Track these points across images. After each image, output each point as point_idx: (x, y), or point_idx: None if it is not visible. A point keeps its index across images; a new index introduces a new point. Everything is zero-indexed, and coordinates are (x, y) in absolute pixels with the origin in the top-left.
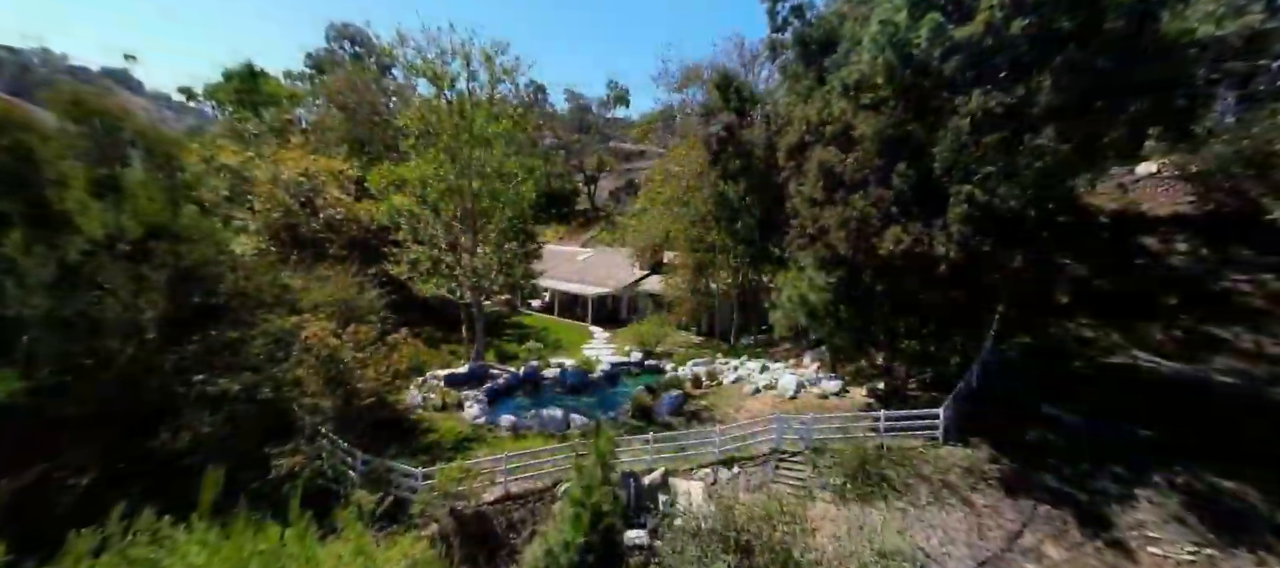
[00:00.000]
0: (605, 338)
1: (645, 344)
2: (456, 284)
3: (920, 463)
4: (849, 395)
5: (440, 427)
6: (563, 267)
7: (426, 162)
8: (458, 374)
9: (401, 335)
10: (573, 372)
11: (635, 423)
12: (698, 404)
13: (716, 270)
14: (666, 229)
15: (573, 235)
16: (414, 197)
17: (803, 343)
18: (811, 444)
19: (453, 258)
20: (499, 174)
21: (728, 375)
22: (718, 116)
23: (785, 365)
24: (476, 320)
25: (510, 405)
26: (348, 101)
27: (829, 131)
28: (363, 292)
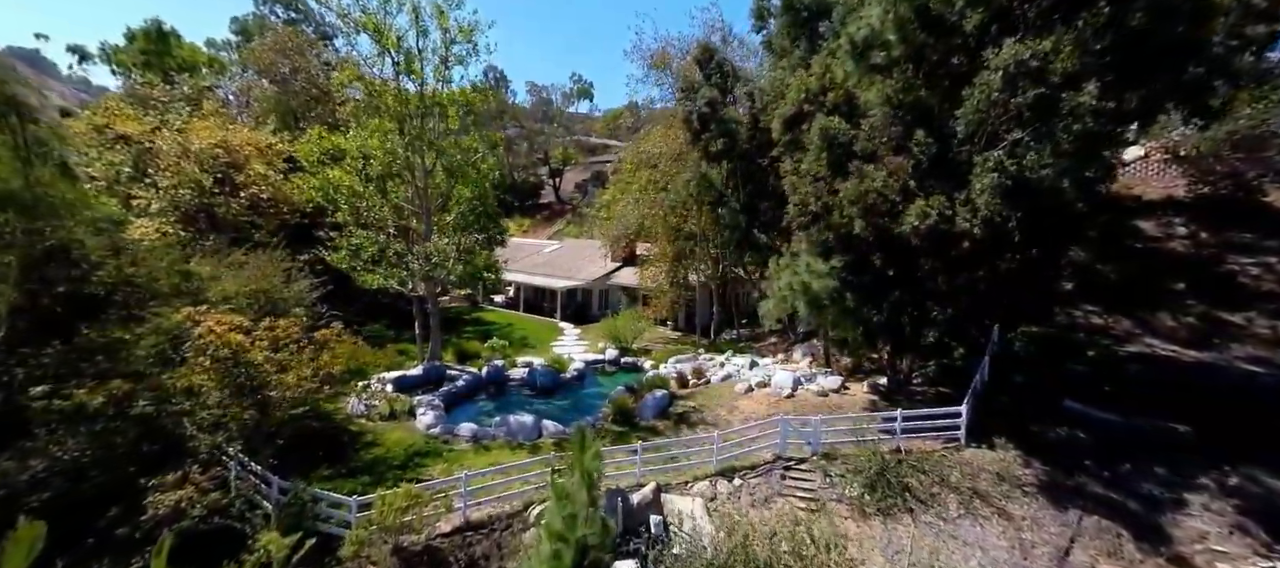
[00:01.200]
0: (576, 334)
1: (621, 341)
2: (407, 275)
3: (944, 469)
4: (849, 393)
5: (386, 439)
6: (529, 259)
7: (369, 130)
8: (410, 377)
9: (333, 331)
10: (542, 371)
11: (616, 429)
12: (685, 406)
13: (696, 261)
14: (641, 218)
15: (537, 229)
16: (355, 172)
17: (791, 337)
18: (820, 449)
19: (403, 245)
20: (456, 147)
21: (715, 373)
22: (699, 92)
23: (775, 361)
24: (432, 316)
25: (471, 411)
26: (278, 70)
27: (830, 100)
28: (290, 282)
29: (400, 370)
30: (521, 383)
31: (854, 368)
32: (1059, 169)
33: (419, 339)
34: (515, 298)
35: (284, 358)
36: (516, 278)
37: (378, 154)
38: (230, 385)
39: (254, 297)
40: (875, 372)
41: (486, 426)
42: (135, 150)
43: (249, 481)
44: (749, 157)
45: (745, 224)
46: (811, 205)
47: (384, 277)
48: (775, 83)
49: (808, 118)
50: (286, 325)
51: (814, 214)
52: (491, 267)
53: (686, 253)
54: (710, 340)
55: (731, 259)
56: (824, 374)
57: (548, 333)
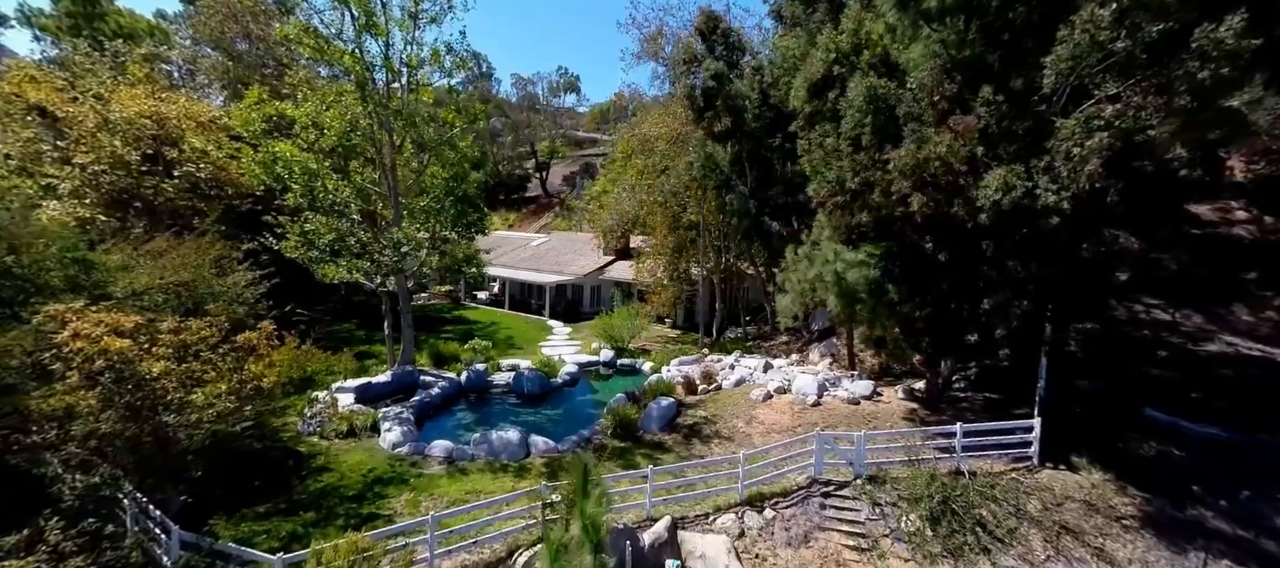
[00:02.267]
0: (567, 333)
1: (617, 340)
2: (373, 268)
3: (1020, 496)
4: (883, 400)
5: (342, 463)
6: (515, 253)
7: (321, 95)
8: (376, 385)
9: (262, 334)
10: (530, 376)
11: (617, 444)
12: (696, 416)
13: (697, 252)
14: (638, 206)
15: (524, 223)
16: (308, 147)
17: (805, 335)
18: (865, 471)
19: (370, 234)
20: (429, 120)
21: (726, 377)
22: (703, 65)
23: (789, 363)
24: (402, 315)
25: (447, 426)
26: (228, 39)
27: (866, 59)
28: (226, 273)
29: (365, 378)
30: (506, 390)
31: (880, 371)
32: (1174, 126)
33: (389, 341)
34: (500, 294)
35: (195, 369)
36: (501, 273)
37: (333, 125)
38: (118, 407)
39: (174, 292)
40: (906, 375)
41: (464, 443)
42: (47, 123)
43: (142, 530)
44: (757, 137)
45: (755, 210)
46: (849, 182)
47: (347, 269)
48: (787, 54)
49: (837, 82)
50: (198, 327)
51: (852, 192)
52: (472, 259)
53: (687, 244)
54: (713, 339)
55: (737, 250)
56: (849, 378)
57: (536, 332)
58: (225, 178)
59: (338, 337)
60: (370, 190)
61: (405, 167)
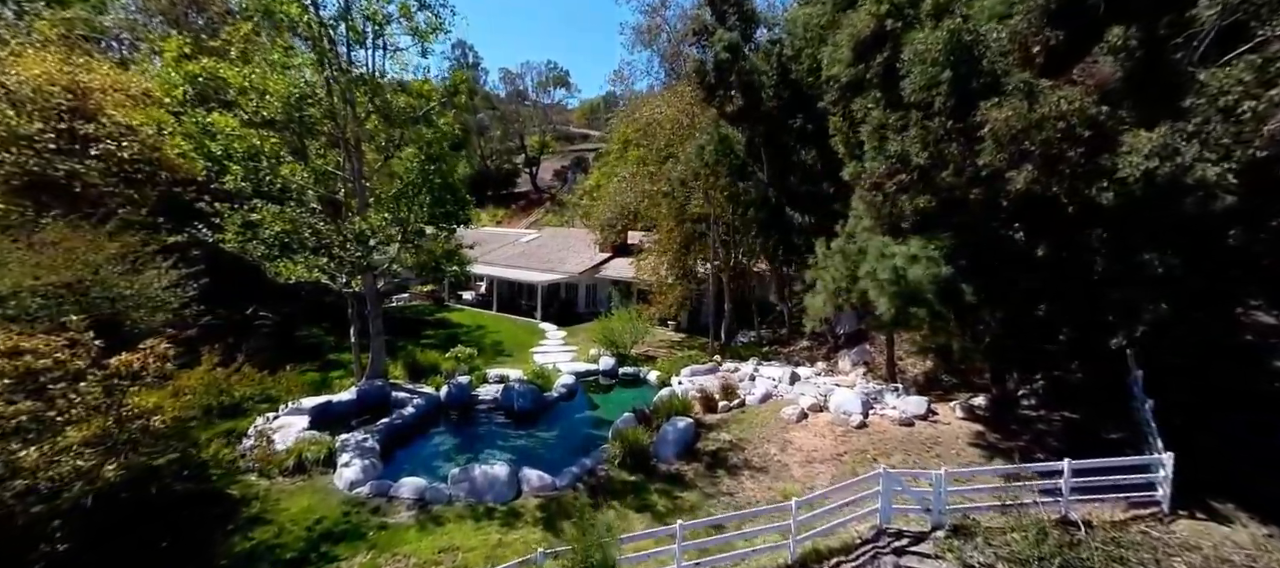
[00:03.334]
0: (561, 338)
1: (618, 346)
2: (335, 264)
3: (1159, 557)
4: (940, 420)
5: (284, 511)
6: (503, 250)
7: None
8: (338, 405)
9: (150, 352)
10: (521, 390)
11: (627, 477)
12: (719, 440)
13: (706, 248)
14: (639, 198)
15: (513, 219)
16: (251, 121)
17: (831, 340)
18: (946, 519)
19: (329, 225)
20: (400, 91)
21: (748, 390)
22: (715, 37)
23: (816, 372)
24: (371, 320)
25: (421, 454)
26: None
27: (924, 10)
28: (139, 271)
29: (326, 395)
30: (493, 406)
31: (926, 382)
32: None
33: (355, 350)
34: (488, 295)
35: (36, 410)
36: (489, 271)
37: (276, 91)
38: None
39: (54, 295)
40: (957, 388)
41: (440, 482)
42: None
43: None
44: (774, 119)
45: (776, 200)
46: (915, 157)
47: (304, 267)
48: (809, 22)
49: (889, 40)
50: (45, 346)
51: (919, 170)
52: (454, 256)
53: (695, 239)
54: (722, 344)
55: (750, 246)
56: (893, 392)
57: (526, 336)
58: (159, 159)
59: (303, 344)
60: (334, 175)
61: (371, 145)
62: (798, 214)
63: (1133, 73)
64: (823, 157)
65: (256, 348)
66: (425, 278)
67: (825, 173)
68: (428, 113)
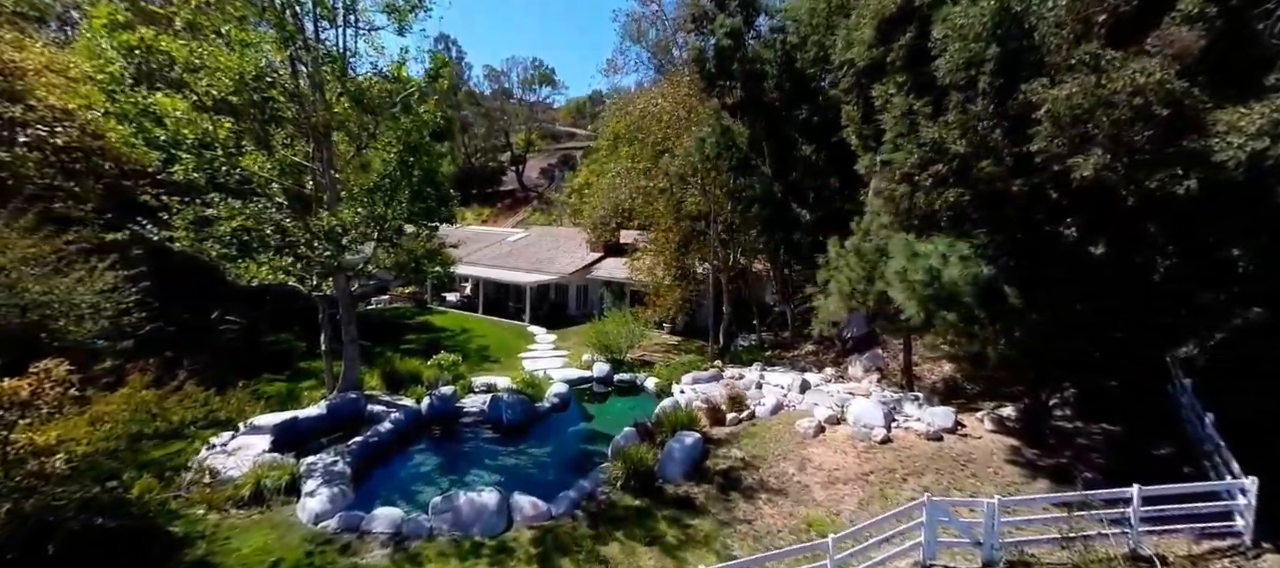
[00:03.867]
0: (551, 342)
1: (612, 351)
2: (302, 265)
3: None
4: (969, 433)
5: (234, 552)
6: (490, 250)
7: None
8: (306, 421)
9: (44, 375)
10: (510, 401)
11: (631, 502)
12: (730, 457)
13: (704, 247)
14: (633, 194)
15: (499, 218)
16: (202, 104)
17: (838, 345)
18: (999, 555)
19: (295, 221)
20: (374, 80)
21: (757, 400)
22: (716, 23)
23: (825, 378)
24: (344, 326)
25: (399, 476)
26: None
27: None
28: (62, 273)
29: (292, 410)
30: (480, 419)
31: (946, 390)
32: None
33: (326, 359)
34: (473, 296)
35: None
36: (474, 272)
37: (228, 66)
38: None
39: None
40: (980, 396)
41: (419, 513)
42: None
43: None
44: (776, 112)
45: (781, 196)
46: (953, 145)
47: (268, 268)
48: (815, 8)
49: (914, 18)
50: None
51: (959, 160)
52: (436, 255)
53: (693, 238)
54: (721, 347)
55: (752, 244)
56: (913, 402)
57: (514, 341)
58: (104, 148)
59: (272, 350)
60: (304, 167)
61: (342, 133)
62: (804, 211)
63: (1215, 43)
64: (830, 150)
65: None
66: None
67: (832, 167)
68: (406, 98)
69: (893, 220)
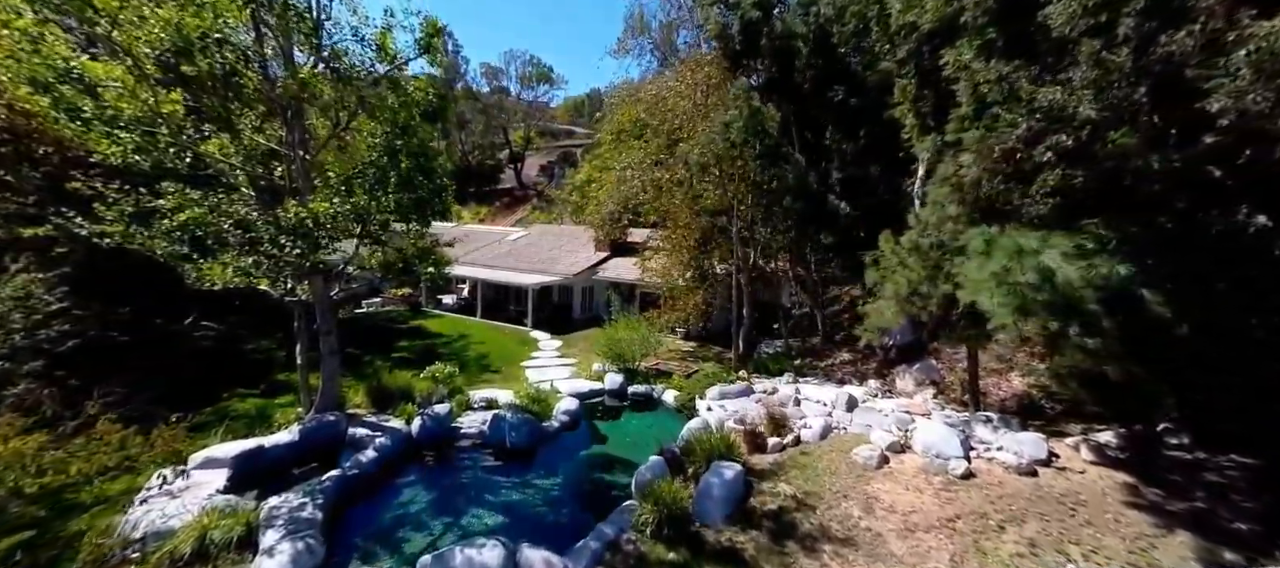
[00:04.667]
0: (556, 348)
1: (624, 359)
2: (270, 265)
3: None
4: (1065, 464)
5: None
6: (488, 249)
7: None
8: (274, 451)
9: None
10: (514, 420)
11: (665, 555)
12: (779, 494)
13: (725, 245)
14: (644, 187)
15: (497, 217)
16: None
17: (881, 354)
18: None
19: (261, 214)
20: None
21: (802, 423)
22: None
23: (869, 392)
24: (322, 336)
25: (383, 520)
26: None
27: None
28: None
29: (259, 437)
30: (479, 442)
31: (1021, 409)
32: None
33: (301, 374)
34: (471, 299)
35: None
36: (472, 272)
37: (165, 16)
38: None
39: None
40: (1061, 416)
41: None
42: None
43: None
44: (807, 97)
45: (818, 188)
46: (1082, 109)
47: (231, 269)
48: None
49: None
50: None
51: (1089, 130)
52: (428, 254)
53: (712, 235)
54: (743, 354)
55: (778, 241)
56: (985, 424)
57: (516, 348)
58: (40, 130)
59: (252, 360)
60: (273, 150)
61: (317, 109)
62: (842, 203)
63: None
64: (870, 136)
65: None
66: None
67: (873, 155)
68: (391, 72)
69: (962, 212)
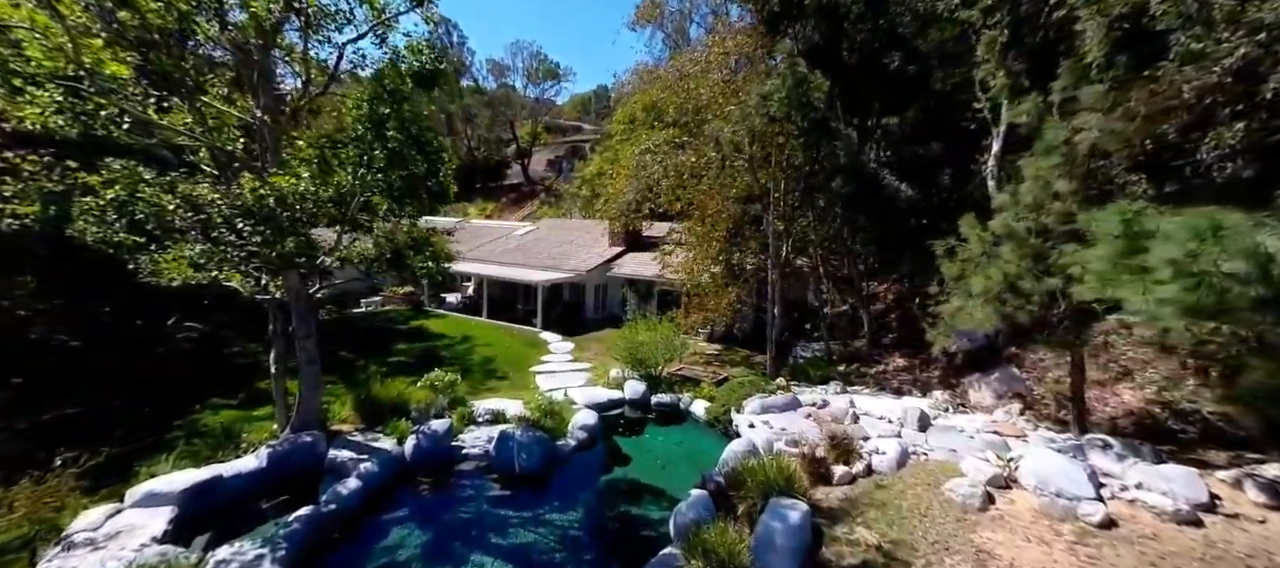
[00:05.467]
0: (568, 352)
1: (645, 364)
2: (225, 254)
3: None
4: (1235, 510)
5: None
6: (495, 245)
7: None
8: (234, 481)
9: None
10: (523, 441)
11: None
12: (856, 542)
13: (757, 237)
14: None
15: (504, 213)
16: (54, 8)
17: (943, 359)
18: None
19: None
20: None
21: (871, 447)
22: None
23: (935, 405)
24: (299, 340)
25: (363, 566)
26: None
27: None
28: None
29: (219, 463)
30: (484, 465)
31: (1138, 431)
32: None
33: (276, 385)
34: (476, 297)
35: None
36: (477, 269)
37: None
38: None
39: None
40: (1203, 442)
41: None
42: None
43: None
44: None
45: (873, 168)
46: None
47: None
48: None
49: None
50: None
51: None
52: (424, 245)
53: (744, 225)
54: (776, 359)
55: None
56: (1105, 451)
57: (525, 351)
58: None
59: (232, 365)
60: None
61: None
62: (903, 186)
63: None
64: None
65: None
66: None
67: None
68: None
69: (1074, 189)
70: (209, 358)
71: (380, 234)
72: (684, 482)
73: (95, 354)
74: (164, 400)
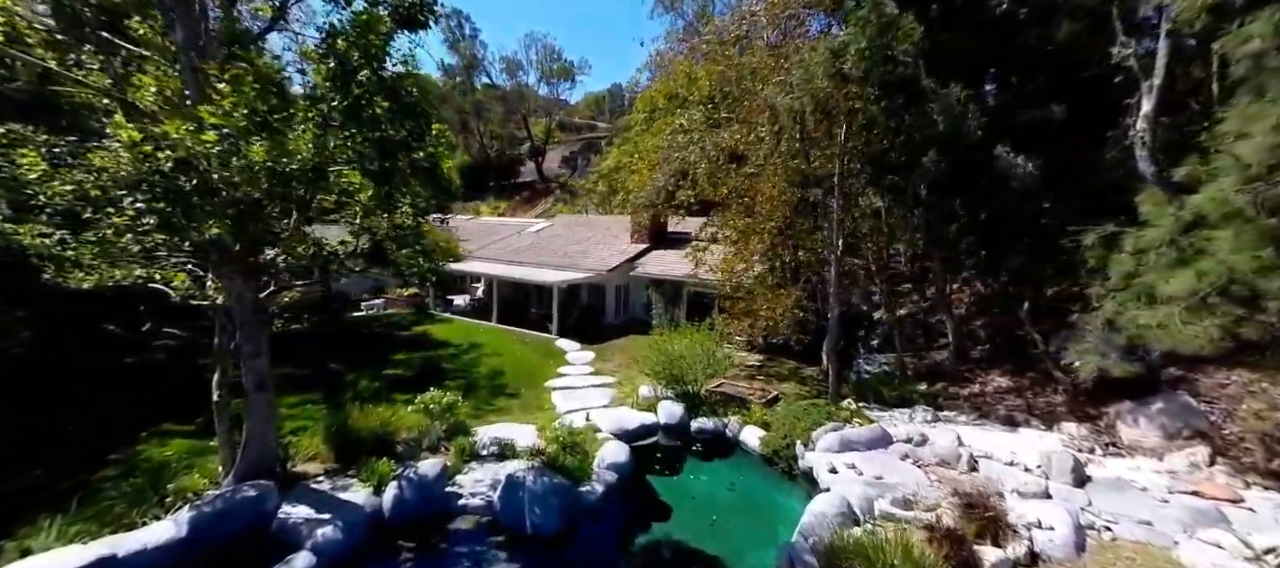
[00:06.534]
0: (587, 363)
1: (681, 380)
2: (124, 245)
3: None
4: None
5: None
6: (506, 243)
7: None
8: (134, 562)
9: None
10: (536, 490)
11: None
12: None
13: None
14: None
15: (517, 212)
16: None
17: (1067, 382)
18: None
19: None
20: None
21: (1019, 507)
22: None
23: (1076, 445)
24: (243, 361)
25: None
26: None
27: None
28: None
29: (119, 535)
30: (485, 520)
31: None
32: None
33: (218, 418)
34: (486, 299)
35: None
36: (487, 269)
37: None
38: None
39: None
40: None
41: None
42: None
43: None
44: (954, 11)
45: (981, 142)
46: None
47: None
48: None
49: None
50: None
51: None
52: (411, 236)
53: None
54: (836, 372)
55: (915, 221)
56: None
57: (538, 361)
58: None
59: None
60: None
61: None
62: (1021, 159)
63: None
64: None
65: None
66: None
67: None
68: None
69: None
70: (175, 370)
71: (348, 220)
72: (745, 546)
73: (51, 362)
74: (110, 424)
